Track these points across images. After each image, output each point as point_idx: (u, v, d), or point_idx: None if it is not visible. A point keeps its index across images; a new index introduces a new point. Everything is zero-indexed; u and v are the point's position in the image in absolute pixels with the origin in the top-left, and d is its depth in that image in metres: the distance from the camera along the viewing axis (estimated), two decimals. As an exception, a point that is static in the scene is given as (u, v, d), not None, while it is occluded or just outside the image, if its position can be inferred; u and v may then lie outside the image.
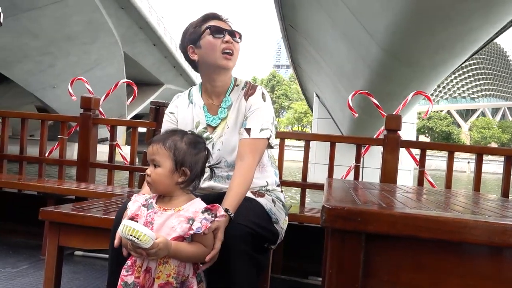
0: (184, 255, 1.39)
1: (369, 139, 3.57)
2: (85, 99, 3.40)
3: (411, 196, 1.63)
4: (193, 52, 1.81)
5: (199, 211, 1.40)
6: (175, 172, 1.44)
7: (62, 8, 16.23)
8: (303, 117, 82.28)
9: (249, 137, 1.73)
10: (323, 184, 3.04)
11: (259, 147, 1.73)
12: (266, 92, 1.85)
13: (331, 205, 0.91)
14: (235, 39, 1.78)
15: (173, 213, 1.41)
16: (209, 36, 1.76)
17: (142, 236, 1.26)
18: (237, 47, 1.79)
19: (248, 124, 1.76)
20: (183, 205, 1.44)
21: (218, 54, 1.75)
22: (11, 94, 25.26)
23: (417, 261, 0.91)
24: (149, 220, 1.41)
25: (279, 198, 1.86)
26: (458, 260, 0.91)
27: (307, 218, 2.76)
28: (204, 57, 1.79)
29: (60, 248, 1.91)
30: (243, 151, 1.71)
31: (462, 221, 0.87)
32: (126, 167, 3.43)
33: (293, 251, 2.85)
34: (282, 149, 3.11)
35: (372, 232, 0.89)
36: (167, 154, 1.44)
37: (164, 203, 1.45)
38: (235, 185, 1.62)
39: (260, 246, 1.68)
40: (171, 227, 1.39)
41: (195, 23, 1.82)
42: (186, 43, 1.82)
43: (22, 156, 3.52)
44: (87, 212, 1.93)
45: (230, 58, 1.77)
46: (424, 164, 3.16)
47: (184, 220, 1.39)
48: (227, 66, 1.77)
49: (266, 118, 1.78)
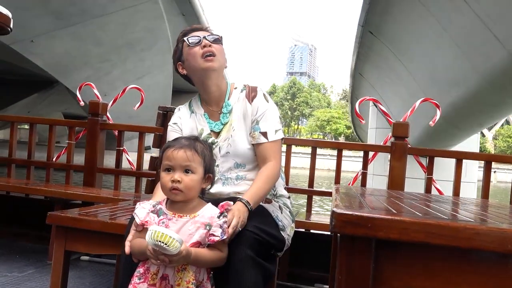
0: (203, 262, 1.39)
1: (377, 146, 3.55)
2: (93, 104, 3.42)
3: (419, 203, 1.62)
4: (182, 68, 1.87)
5: (214, 216, 1.41)
6: (203, 178, 1.48)
7: (131, 14, 15.85)
8: (326, 124, 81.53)
9: (268, 141, 1.78)
10: (330, 191, 3.03)
11: (278, 149, 1.81)
12: (266, 93, 1.88)
13: (340, 211, 0.91)
14: (213, 40, 1.80)
15: (189, 219, 1.41)
16: (187, 48, 1.81)
17: (172, 242, 1.25)
18: (218, 48, 1.81)
19: (263, 128, 1.79)
20: (196, 210, 1.44)
21: (200, 60, 1.78)
22: (47, 102, 25.07)
23: (428, 268, 0.90)
24: (163, 227, 1.41)
25: (286, 205, 1.86)
26: (470, 267, 0.90)
27: (313, 225, 2.74)
28: (190, 68, 1.83)
29: (67, 252, 1.91)
30: (265, 154, 1.77)
31: (474, 228, 0.86)
32: (133, 172, 3.43)
33: (299, 258, 2.83)
34: (289, 155, 3.10)
35: (382, 239, 0.88)
36: (200, 161, 1.47)
37: (177, 209, 1.44)
38: (259, 180, 1.69)
39: (267, 253, 1.67)
40: (188, 234, 1.39)
41: (177, 41, 1.88)
42: (175, 62, 1.89)
43: (30, 161, 3.53)
44: (93, 217, 1.93)
45: (212, 59, 1.78)
46: (432, 172, 3.14)
47: (201, 226, 1.39)
48: (211, 67, 1.79)
49: (276, 119, 1.83)
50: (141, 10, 15.74)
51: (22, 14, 11.85)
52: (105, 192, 3.19)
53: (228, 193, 1.79)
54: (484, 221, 1.11)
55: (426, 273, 0.90)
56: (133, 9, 15.51)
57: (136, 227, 1.46)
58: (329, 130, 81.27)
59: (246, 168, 1.80)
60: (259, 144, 1.78)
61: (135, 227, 1.47)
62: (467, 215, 1.28)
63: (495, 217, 1.24)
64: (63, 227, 1.90)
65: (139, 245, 1.40)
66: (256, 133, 1.79)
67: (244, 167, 1.80)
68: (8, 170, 3.53)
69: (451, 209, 1.48)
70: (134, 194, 3.21)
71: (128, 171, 3.48)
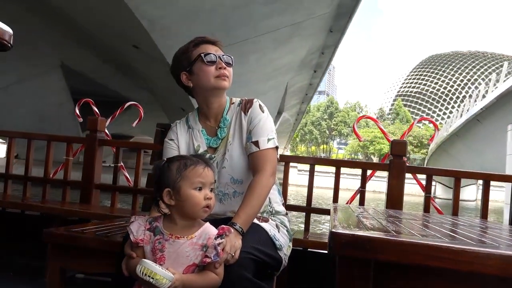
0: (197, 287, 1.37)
1: (375, 164, 3.55)
2: (91, 120, 3.42)
3: (418, 223, 1.61)
4: (186, 78, 1.82)
5: (212, 237, 1.39)
6: None
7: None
8: (369, 145, 77.44)
9: (259, 149, 1.74)
10: (328, 209, 3.01)
11: (270, 157, 1.75)
12: (263, 104, 1.86)
13: (338, 232, 0.90)
14: (228, 62, 1.80)
15: (186, 241, 1.39)
16: (201, 63, 1.77)
17: (160, 280, 1.26)
18: (230, 71, 1.81)
19: (254, 137, 1.77)
20: (193, 230, 1.42)
21: (213, 79, 1.77)
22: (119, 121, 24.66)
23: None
24: (158, 247, 1.39)
25: (284, 224, 1.84)
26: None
27: (311, 244, 2.72)
28: (199, 83, 1.80)
29: (62, 270, 1.89)
30: (257, 164, 1.73)
31: (474, 251, 0.85)
32: (130, 189, 3.41)
33: (297, 277, 2.80)
34: (287, 172, 3.09)
35: (381, 261, 0.87)
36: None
37: (173, 228, 1.42)
38: (250, 197, 1.64)
39: (264, 272, 1.65)
40: (185, 256, 1.37)
41: (185, 48, 1.83)
42: (179, 69, 1.84)
43: (27, 177, 3.51)
44: (90, 235, 1.91)
45: (226, 79, 1.78)
46: (430, 191, 3.13)
47: (198, 248, 1.37)
48: (223, 86, 1.79)
49: (270, 128, 1.80)
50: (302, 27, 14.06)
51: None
52: (102, 208, 3.16)
53: (225, 212, 1.78)
54: (484, 243, 1.10)
55: (426, 296, 0.89)
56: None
57: (131, 245, 1.45)
58: (372, 150, 77.31)
59: (243, 183, 1.78)
60: (251, 154, 1.75)
61: (130, 245, 1.45)
62: (467, 237, 1.27)
63: (494, 239, 1.23)
64: (59, 245, 1.88)
65: (134, 265, 1.38)
66: (248, 143, 1.77)
67: (241, 182, 1.78)
68: (4, 185, 3.51)
69: (451, 230, 1.47)
70: (131, 211, 3.19)
71: (125, 188, 3.46)
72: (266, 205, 1.82)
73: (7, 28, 1.96)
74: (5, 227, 3.43)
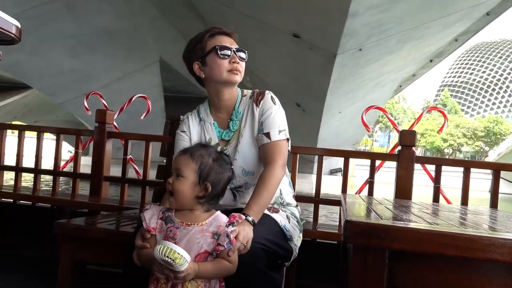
0: (209, 276, 1.38)
1: (383, 155, 3.54)
2: (100, 112, 3.42)
3: (429, 212, 1.60)
4: (199, 68, 1.81)
5: (223, 225, 1.39)
6: (197, 185, 1.43)
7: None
8: (420, 138, 69.53)
9: (270, 141, 1.74)
10: (337, 200, 3.01)
11: (282, 149, 1.75)
12: (274, 96, 1.85)
13: (353, 221, 0.89)
14: (242, 57, 1.78)
15: (197, 228, 1.40)
16: (215, 55, 1.75)
17: (178, 259, 1.25)
18: (243, 66, 1.80)
19: (266, 129, 1.76)
20: (204, 219, 1.42)
21: (225, 73, 1.75)
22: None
23: (443, 279, 0.88)
24: (170, 235, 1.40)
25: (294, 214, 1.84)
26: (485, 279, 0.89)
27: (320, 234, 2.72)
28: (211, 75, 1.78)
29: (73, 261, 1.90)
30: (267, 155, 1.73)
31: (490, 239, 0.85)
32: (139, 181, 3.42)
33: (306, 268, 2.80)
34: (295, 163, 3.08)
35: (396, 249, 0.87)
36: (193, 167, 1.44)
37: (185, 216, 1.43)
38: (260, 188, 1.63)
39: (274, 263, 1.66)
40: (196, 243, 1.38)
41: (200, 37, 1.81)
42: (192, 58, 1.82)
43: (37, 169, 3.54)
44: (100, 226, 1.93)
45: (237, 74, 1.77)
46: (440, 181, 3.11)
47: (209, 235, 1.38)
48: (235, 80, 1.78)
49: (281, 120, 1.79)
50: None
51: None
52: (111, 200, 3.18)
53: (236, 204, 1.78)
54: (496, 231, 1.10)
55: (441, 284, 0.89)
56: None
57: (143, 234, 1.45)
58: (424, 143, 71.00)
59: (255, 175, 1.78)
60: (262, 145, 1.75)
61: (143, 234, 1.46)
62: (480, 226, 1.27)
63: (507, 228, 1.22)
64: (70, 237, 1.90)
65: (146, 255, 1.40)
66: (259, 135, 1.76)
67: (252, 174, 1.78)
68: (15, 178, 3.54)
69: (462, 219, 1.47)
70: (140, 203, 3.21)
71: (134, 180, 3.47)
72: (277, 196, 1.82)
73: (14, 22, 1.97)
74: (16, 219, 3.46)
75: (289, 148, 1.81)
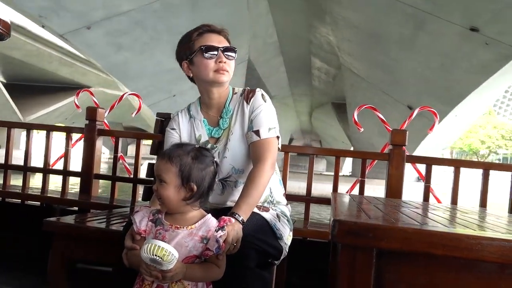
0: (197, 279, 1.37)
1: (374, 154, 3.55)
2: (90, 110, 3.40)
3: (419, 212, 1.61)
4: (187, 67, 1.80)
5: (212, 229, 1.38)
6: (181, 188, 1.40)
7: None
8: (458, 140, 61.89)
9: (260, 138, 1.73)
10: (327, 199, 3.01)
11: (271, 147, 1.73)
12: (265, 94, 1.84)
13: (342, 220, 0.90)
14: (229, 56, 1.76)
15: (186, 231, 1.38)
16: (201, 55, 1.73)
17: (166, 256, 1.23)
18: (231, 65, 1.78)
19: (256, 126, 1.75)
20: (194, 221, 1.41)
21: (212, 73, 1.74)
22: None
23: (430, 278, 0.89)
24: (159, 238, 1.38)
25: (284, 213, 1.84)
26: (473, 278, 0.89)
27: (311, 233, 2.72)
28: (198, 75, 1.78)
29: (63, 259, 1.89)
30: (256, 153, 1.71)
31: (477, 238, 0.85)
32: (129, 179, 3.41)
33: (296, 266, 2.80)
34: (286, 162, 3.09)
35: (384, 249, 0.87)
36: (173, 170, 1.40)
37: (174, 219, 1.42)
38: (249, 187, 1.62)
39: (264, 261, 1.66)
40: (185, 246, 1.36)
41: (189, 36, 1.79)
42: (181, 57, 1.81)
43: (26, 167, 3.51)
44: (90, 224, 1.92)
45: (224, 74, 1.75)
46: (430, 180, 3.13)
47: (198, 239, 1.36)
48: (221, 81, 1.76)
49: (271, 117, 1.78)
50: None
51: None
52: (101, 199, 3.16)
53: (225, 202, 1.78)
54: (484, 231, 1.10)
55: (429, 283, 0.89)
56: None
57: (133, 235, 1.44)
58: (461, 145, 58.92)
59: (244, 173, 1.77)
60: (252, 143, 1.74)
61: (133, 235, 1.45)
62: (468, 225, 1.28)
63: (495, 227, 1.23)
64: (59, 234, 1.88)
65: (135, 256, 1.39)
66: (249, 132, 1.75)
67: (242, 172, 1.78)
68: (4, 176, 3.51)
69: (451, 218, 1.48)
70: (130, 201, 3.19)
71: (125, 178, 3.45)
72: (267, 194, 1.81)
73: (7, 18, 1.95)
74: (5, 217, 3.43)
75: (279, 146, 1.81)
